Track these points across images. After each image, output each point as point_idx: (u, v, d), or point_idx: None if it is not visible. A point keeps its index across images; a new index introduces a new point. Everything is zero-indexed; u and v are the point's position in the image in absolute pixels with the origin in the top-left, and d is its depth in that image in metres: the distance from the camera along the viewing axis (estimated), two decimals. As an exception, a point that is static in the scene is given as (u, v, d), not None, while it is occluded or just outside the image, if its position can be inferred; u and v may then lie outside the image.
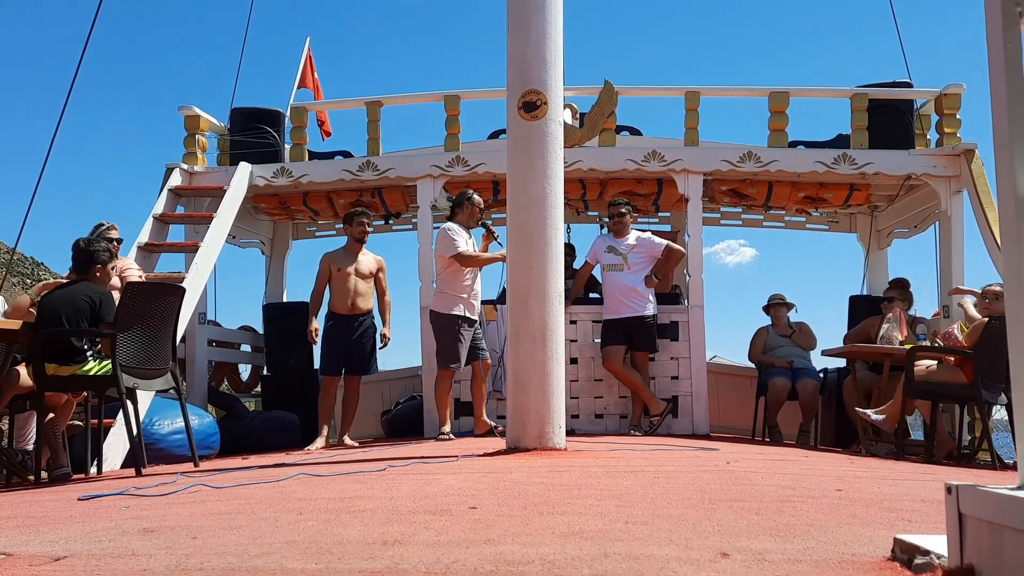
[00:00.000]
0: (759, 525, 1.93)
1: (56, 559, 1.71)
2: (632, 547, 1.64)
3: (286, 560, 1.58)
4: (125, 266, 5.81)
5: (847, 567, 1.46)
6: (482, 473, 3.27)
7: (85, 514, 2.52)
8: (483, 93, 7.69)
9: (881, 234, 8.68)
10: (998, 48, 1.28)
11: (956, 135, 7.19)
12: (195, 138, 7.67)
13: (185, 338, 6.98)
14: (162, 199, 7.22)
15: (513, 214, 4.36)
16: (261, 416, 7.57)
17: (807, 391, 6.99)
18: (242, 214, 7.58)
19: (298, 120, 7.83)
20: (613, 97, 7.25)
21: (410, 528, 1.92)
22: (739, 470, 3.50)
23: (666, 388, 6.89)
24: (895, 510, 2.28)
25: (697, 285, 7.02)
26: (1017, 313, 1.25)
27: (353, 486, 2.94)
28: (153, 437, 5.51)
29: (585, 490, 2.65)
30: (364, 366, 6.58)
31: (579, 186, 7.57)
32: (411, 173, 7.35)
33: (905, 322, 6.43)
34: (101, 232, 5.81)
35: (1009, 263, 1.27)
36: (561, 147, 4.38)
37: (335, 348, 6.47)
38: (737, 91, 7.90)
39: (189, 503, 2.67)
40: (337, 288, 6.48)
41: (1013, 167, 1.23)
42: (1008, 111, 1.25)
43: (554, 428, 4.15)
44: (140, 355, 4.44)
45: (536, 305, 4.22)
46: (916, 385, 5.50)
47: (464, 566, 1.49)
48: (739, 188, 7.59)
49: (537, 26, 4.35)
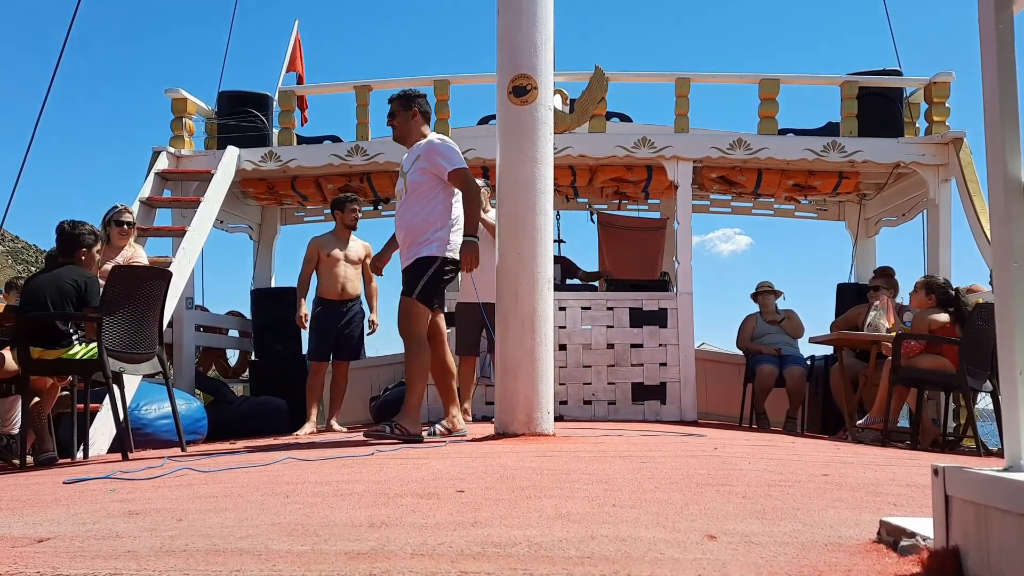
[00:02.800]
0: (746, 509, 1.93)
1: (39, 541, 1.69)
2: (619, 529, 1.64)
3: (272, 542, 1.58)
4: (135, 256, 5.74)
5: (833, 549, 1.46)
6: (470, 458, 3.27)
7: (70, 497, 2.51)
8: (473, 78, 7.66)
9: (869, 222, 8.71)
10: (990, 30, 1.27)
11: (945, 124, 7.21)
12: (182, 121, 7.61)
13: (172, 323, 6.95)
14: (149, 183, 7.16)
15: (502, 199, 4.34)
16: (249, 401, 7.55)
17: (794, 378, 7.03)
18: (230, 199, 7.53)
19: (286, 104, 7.77)
20: (603, 83, 7.23)
21: (397, 511, 1.92)
22: (726, 455, 3.52)
23: (654, 375, 6.91)
24: (881, 494, 2.29)
25: (686, 272, 7.02)
26: (1005, 299, 1.25)
27: (341, 470, 2.93)
28: (140, 422, 5.49)
29: (573, 474, 2.65)
30: (354, 351, 6.57)
31: (569, 172, 7.56)
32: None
33: (892, 310, 6.46)
34: (113, 215, 5.74)
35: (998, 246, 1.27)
36: (551, 132, 4.36)
37: (324, 334, 6.45)
38: (727, 78, 7.90)
39: (175, 487, 2.66)
40: (326, 273, 6.45)
41: (1003, 148, 1.23)
42: (999, 93, 1.24)
43: (542, 414, 4.16)
44: (126, 339, 4.41)
45: (525, 291, 4.21)
46: (902, 372, 5.54)
47: (451, 548, 1.49)
48: (729, 175, 7.60)
49: (527, 10, 4.32)
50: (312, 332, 6.55)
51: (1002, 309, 1.25)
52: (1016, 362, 1.22)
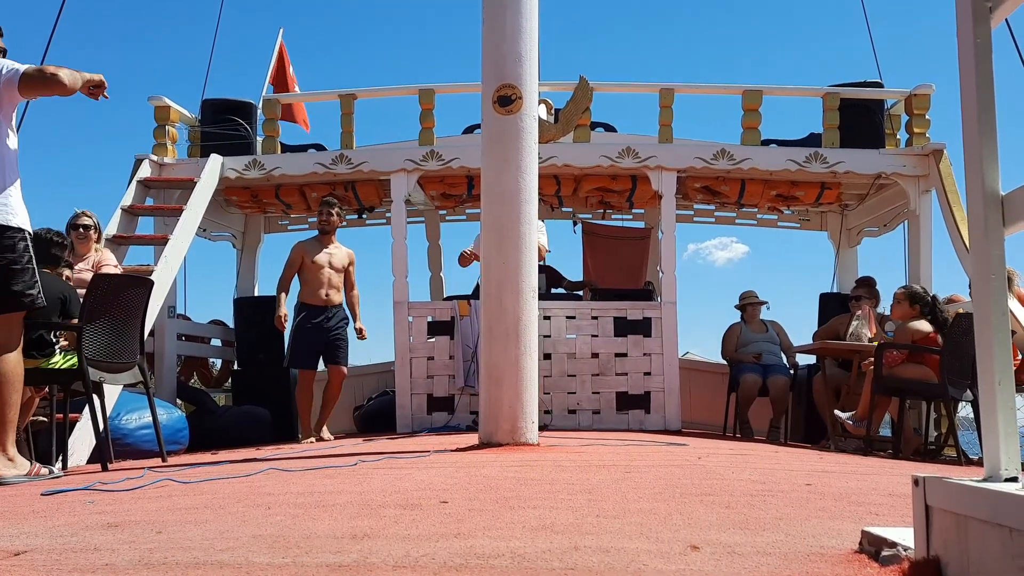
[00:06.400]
0: (729, 519, 1.93)
1: (15, 554, 1.67)
2: (603, 540, 1.64)
3: (253, 554, 1.56)
4: (103, 260, 5.70)
5: (816, 559, 1.47)
6: (454, 468, 3.26)
7: (48, 509, 2.47)
8: (458, 87, 7.67)
9: (851, 232, 8.78)
10: (968, 44, 1.29)
11: (925, 135, 7.29)
12: (165, 129, 7.56)
13: (154, 332, 6.89)
14: (131, 191, 7.10)
15: (487, 209, 4.35)
16: (231, 411, 7.50)
17: (777, 387, 7.06)
18: (213, 207, 7.49)
19: (270, 112, 7.75)
20: (588, 93, 7.26)
21: (380, 522, 1.90)
22: (710, 465, 3.52)
23: (639, 384, 6.92)
24: (863, 504, 2.30)
25: (670, 281, 7.04)
26: (984, 309, 1.26)
27: (323, 481, 2.92)
28: (120, 432, 5.43)
29: (557, 484, 2.64)
30: (344, 357, 6.54)
31: (553, 182, 7.57)
32: (385, 167, 7.30)
33: (874, 319, 6.51)
34: (71, 220, 5.71)
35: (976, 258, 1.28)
36: (536, 142, 4.37)
37: (308, 341, 6.41)
38: (711, 88, 7.95)
39: (155, 498, 2.63)
40: (309, 279, 6.43)
41: (982, 160, 1.24)
42: (977, 106, 1.26)
43: (527, 423, 4.15)
44: (107, 348, 4.37)
45: (510, 300, 4.21)
46: (884, 382, 5.57)
47: (433, 559, 1.48)
48: (712, 185, 7.64)
49: (512, 20, 4.33)
50: (294, 340, 6.49)
51: (981, 319, 1.27)
52: (995, 372, 1.23)
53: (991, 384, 1.23)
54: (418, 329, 6.95)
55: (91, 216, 5.83)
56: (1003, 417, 1.23)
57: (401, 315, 6.90)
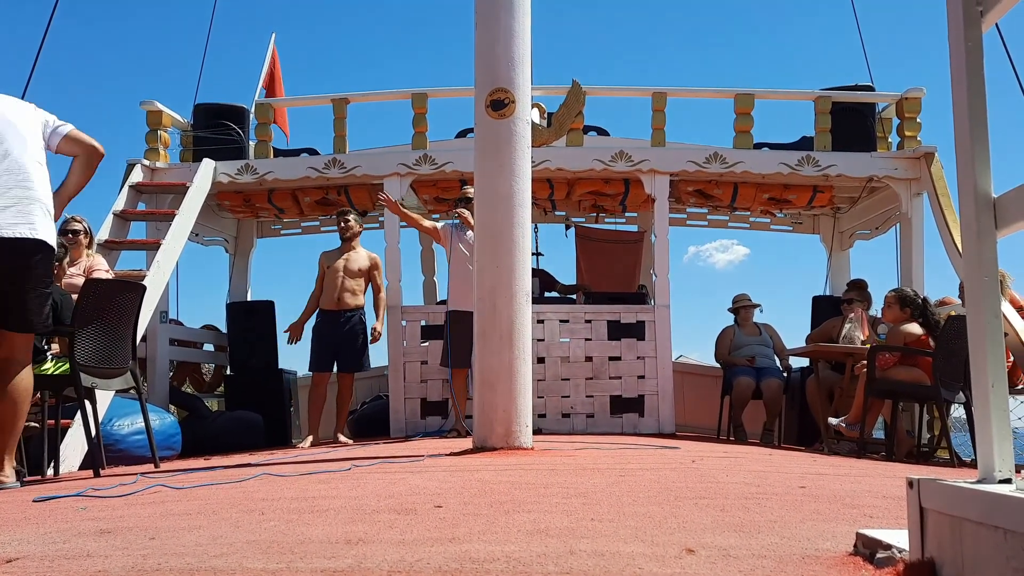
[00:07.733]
0: (724, 522, 1.93)
1: (7, 561, 1.66)
2: (598, 544, 1.64)
3: (246, 560, 1.55)
4: (94, 265, 5.69)
5: (811, 562, 1.47)
6: (448, 472, 3.25)
7: (40, 516, 2.46)
8: (451, 91, 7.67)
9: (843, 235, 8.81)
10: (959, 47, 1.29)
11: (916, 138, 7.32)
12: (157, 134, 7.54)
13: (146, 337, 6.87)
14: (123, 195, 7.09)
15: (480, 213, 4.35)
16: (224, 416, 7.48)
17: (771, 390, 7.07)
18: (205, 211, 7.48)
19: (263, 116, 7.74)
20: (581, 97, 7.27)
21: (374, 527, 1.90)
22: (704, 468, 3.53)
23: (632, 387, 6.92)
24: (857, 506, 2.30)
25: (663, 285, 7.06)
26: (977, 312, 1.26)
27: (317, 486, 2.91)
28: (113, 438, 5.40)
29: (551, 488, 2.64)
30: (355, 361, 6.56)
31: (547, 186, 7.59)
32: (378, 171, 7.30)
33: (866, 322, 6.53)
34: (60, 226, 5.68)
35: (969, 261, 1.28)
36: (529, 146, 4.38)
37: (322, 344, 6.47)
38: (703, 92, 7.97)
39: (148, 504, 2.62)
40: (326, 284, 6.59)
41: (973, 163, 1.25)
42: (969, 109, 1.26)
43: (521, 427, 4.15)
44: (99, 354, 4.34)
45: (504, 304, 4.21)
46: (877, 384, 5.59)
47: (428, 564, 1.47)
48: (705, 189, 7.66)
49: (505, 23, 4.34)
50: (312, 343, 6.59)
51: (974, 321, 1.27)
52: (988, 374, 1.24)
53: (984, 386, 1.24)
54: (411, 333, 6.95)
55: (81, 221, 5.82)
56: (997, 419, 1.23)
57: (394, 319, 6.90)
